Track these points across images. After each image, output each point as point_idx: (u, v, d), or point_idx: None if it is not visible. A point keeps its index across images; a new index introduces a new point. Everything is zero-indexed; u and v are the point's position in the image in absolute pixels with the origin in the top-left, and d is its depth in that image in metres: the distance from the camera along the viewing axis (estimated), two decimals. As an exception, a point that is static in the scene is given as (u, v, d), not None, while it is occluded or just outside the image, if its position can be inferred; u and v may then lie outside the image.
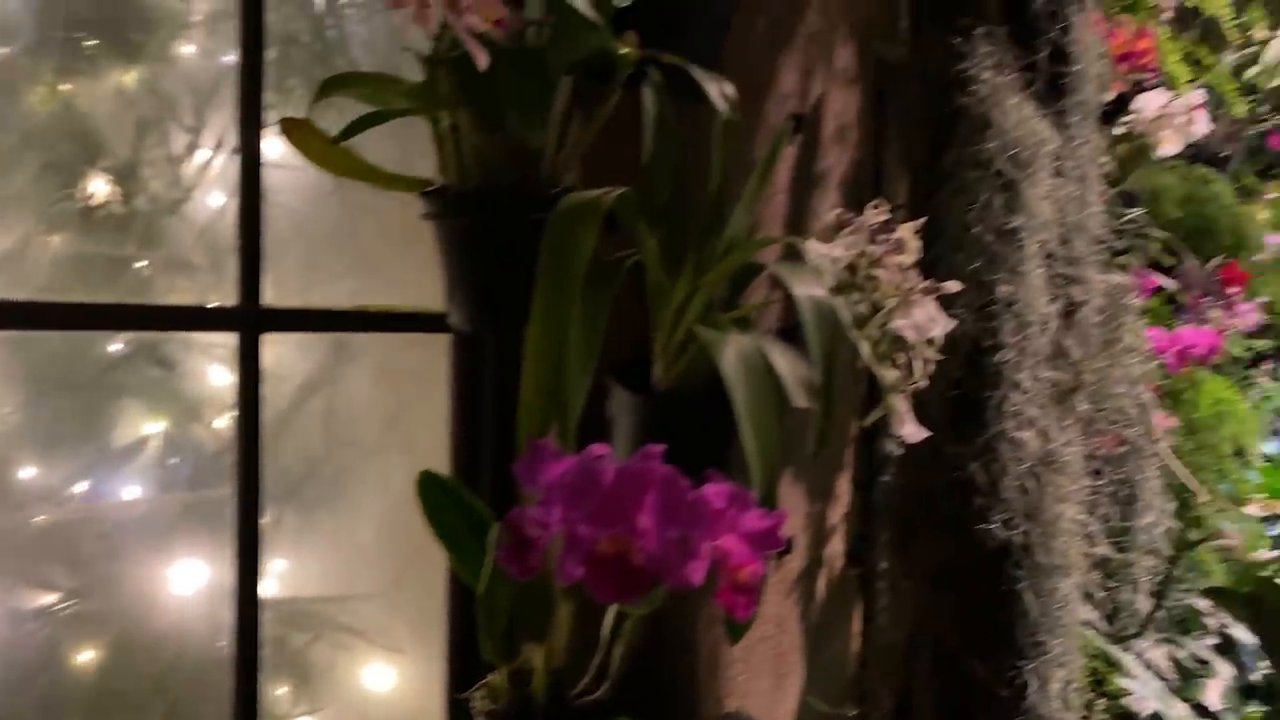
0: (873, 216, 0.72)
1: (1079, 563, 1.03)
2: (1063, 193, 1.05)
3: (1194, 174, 2.27)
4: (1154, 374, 1.60)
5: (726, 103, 0.83)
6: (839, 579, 1.37)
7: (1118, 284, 1.11)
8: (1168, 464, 1.16)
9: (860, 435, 1.39)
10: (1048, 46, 1.06)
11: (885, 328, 0.69)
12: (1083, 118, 1.08)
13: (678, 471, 0.69)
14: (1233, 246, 2.19)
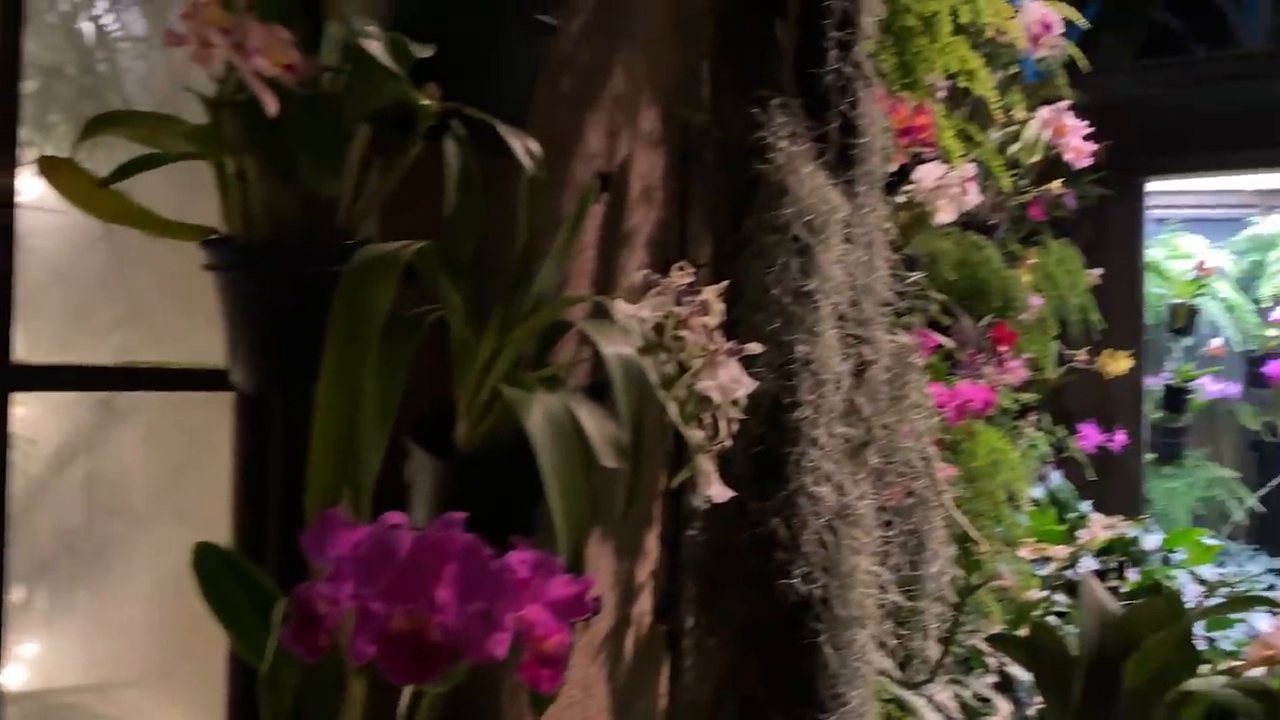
0: (678, 278, 0.72)
1: (874, 613, 1.06)
2: (852, 257, 1.10)
3: (967, 240, 2.45)
4: (936, 427, 1.70)
5: (532, 159, 0.82)
6: (647, 637, 1.36)
7: (903, 343, 1.17)
8: (951, 513, 1.22)
9: (667, 491, 1.39)
10: (838, 119, 1.11)
11: (692, 388, 0.70)
12: (869, 187, 1.14)
13: (480, 540, 0.66)
14: (1001, 307, 2.38)
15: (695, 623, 1.14)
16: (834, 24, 1.09)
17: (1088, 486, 3.69)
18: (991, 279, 2.36)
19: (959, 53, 1.55)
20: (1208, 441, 4.89)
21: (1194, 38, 7.59)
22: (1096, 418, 3.78)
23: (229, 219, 0.80)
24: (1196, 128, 4.25)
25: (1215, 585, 3.33)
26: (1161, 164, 4.33)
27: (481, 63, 0.90)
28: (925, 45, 1.54)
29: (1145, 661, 0.85)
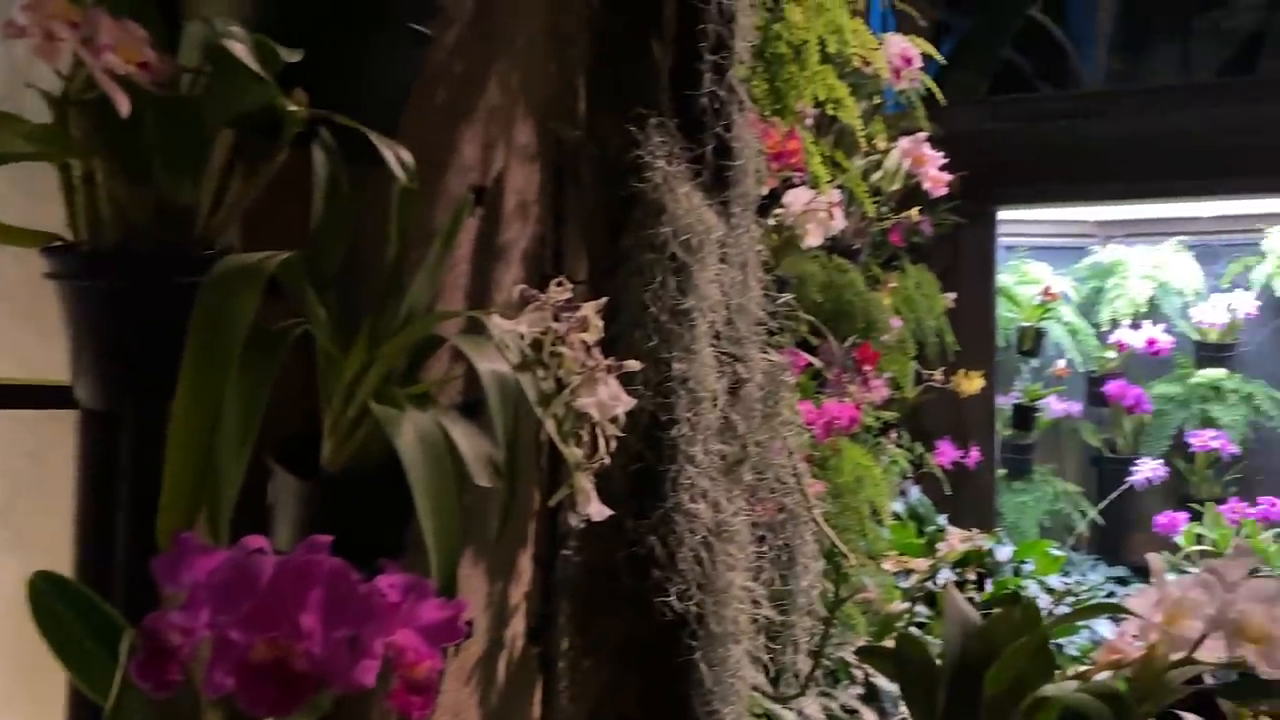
0: (556, 294, 0.71)
1: (748, 629, 1.07)
2: (728, 277, 1.11)
3: (833, 264, 2.53)
4: (806, 444, 1.74)
5: (404, 170, 0.80)
6: (519, 660, 1.33)
7: (776, 362, 1.20)
8: (821, 528, 1.25)
9: (542, 510, 1.38)
10: (713, 141, 1.13)
11: (571, 405, 0.69)
12: (744, 208, 1.16)
13: (347, 563, 0.63)
14: (865, 329, 2.46)
15: (570, 644, 1.13)
16: (709, 47, 1.11)
17: (944, 501, 3.84)
18: (855, 301, 2.44)
19: (827, 81, 1.60)
20: (1053, 457, 5.17)
21: (1039, 77, 8.09)
22: (952, 435, 3.95)
23: (75, 225, 0.75)
24: (1043, 161, 4.50)
25: (1062, 594, 3.51)
26: (1011, 194, 4.57)
27: (353, 70, 0.88)
28: (795, 72, 1.59)
29: (1005, 669, 0.89)
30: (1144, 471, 4.68)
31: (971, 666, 0.91)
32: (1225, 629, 0.82)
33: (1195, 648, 0.85)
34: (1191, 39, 8.08)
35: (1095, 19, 7.62)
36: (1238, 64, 8.18)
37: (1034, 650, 0.88)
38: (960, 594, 1.03)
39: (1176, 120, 4.39)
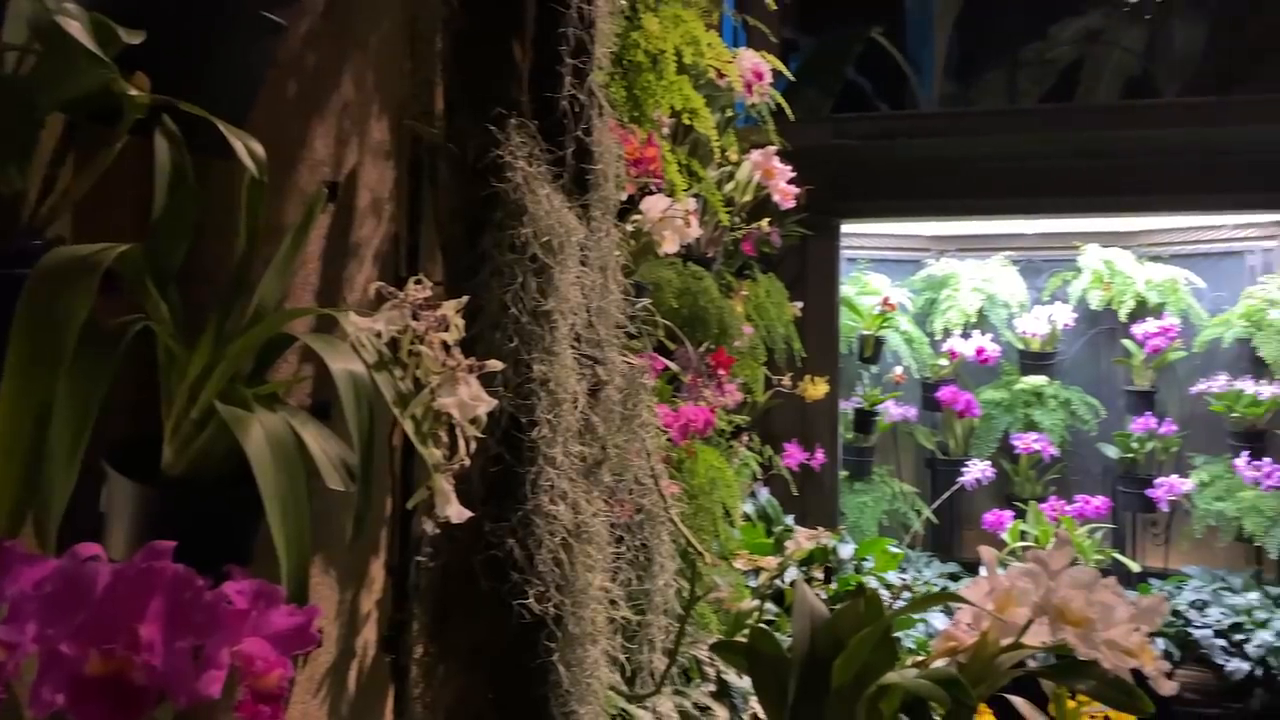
0: (415, 292, 0.70)
1: (605, 629, 1.08)
2: (588, 280, 1.12)
3: (688, 270, 2.57)
4: (663, 446, 1.77)
5: (254, 161, 0.77)
6: (371, 669, 1.30)
7: (635, 365, 1.21)
8: (676, 528, 1.27)
9: (395, 516, 1.35)
10: (574, 144, 1.13)
11: (430, 406, 0.67)
12: (604, 212, 1.17)
13: (191, 571, 0.60)
14: (719, 334, 2.52)
15: (424, 651, 1.11)
16: (569, 51, 1.11)
17: (792, 501, 3.97)
18: (710, 308, 2.49)
19: (683, 91, 1.64)
20: (891, 459, 5.41)
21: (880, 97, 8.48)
22: (798, 438, 4.08)
23: (-120, 209, 0.68)
24: (883, 177, 4.72)
25: (900, 589, 3.68)
26: (854, 208, 4.77)
27: (199, 55, 0.84)
28: (652, 81, 1.61)
29: (851, 659, 0.92)
30: (973, 472, 4.97)
31: (820, 658, 0.94)
32: (1049, 614, 0.88)
33: (1022, 633, 0.92)
34: (1018, 68, 8.66)
35: (932, 46, 8.06)
36: (1058, 92, 8.82)
37: (878, 640, 0.92)
38: (810, 589, 1.07)
39: (1004, 142, 4.68)
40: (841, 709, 0.94)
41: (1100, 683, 0.92)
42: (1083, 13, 8.46)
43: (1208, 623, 4.27)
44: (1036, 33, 8.46)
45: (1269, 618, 4.22)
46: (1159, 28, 8.46)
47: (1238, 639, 4.18)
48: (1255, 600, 4.35)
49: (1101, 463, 5.13)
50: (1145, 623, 0.90)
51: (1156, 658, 0.90)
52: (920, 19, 8.16)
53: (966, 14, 8.08)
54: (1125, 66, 8.67)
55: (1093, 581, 0.89)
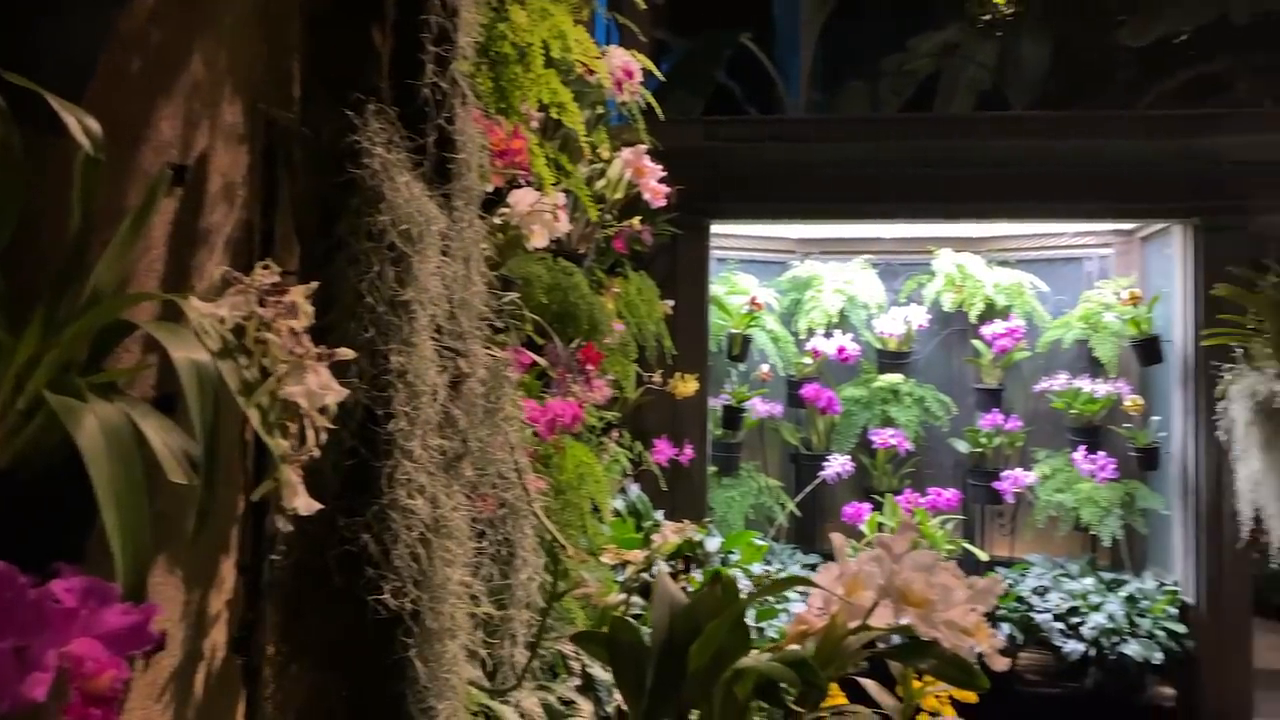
0: (262, 278, 0.68)
1: (465, 624, 1.07)
2: (450, 270, 1.11)
3: (559, 266, 2.57)
4: (529, 440, 1.76)
5: (89, 138, 0.73)
6: (220, 672, 1.25)
7: (499, 358, 1.20)
8: (540, 522, 1.27)
9: (247, 513, 1.30)
10: (435, 132, 1.12)
11: (276, 395, 0.66)
12: (467, 202, 1.16)
13: (14, 568, 0.57)
14: (589, 330, 2.52)
15: (276, 651, 1.07)
16: (432, 38, 1.09)
17: (662, 497, 4.02)
18: (580, 304, 2.49)
19: (551, 85, 1.63)
20: (758, 455, 5.55)
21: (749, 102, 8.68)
22: (669, 434, 4.13)
23: None
24: (751, 180, 4.82)
25: (762, 579, 3.77)
26: (723, 209, 4.86)
27: (33, 27, 0.79)
28: (520, 73, 1.61)
29: (706, 644, 0.94)
30: (834, 467, 5.14)
31: (678, 644, 0.96)
32: (892, 596, 0.92)
33: (869, 615, 0.96)
34: (880, 78, 9.00)
35: (799, 54, 8.30)
36: (918, 102, 9.21)
37: (732, 624, 0.94)
38: (670, 578, 1.09)
39: (866, 149, 4.86)
40: (698, 693, 0.96)
41: (941, 661, 0.97)
42: (941, 27, 8.87)
43: (1048, 607, 4.54)
44: (897, 45, 8.82)
45: (1102, 601, 4.52)
46: (1009, 45, 8.94)
47: (1074, 622, 4.46)
48: (1090, 585, 4.65)
49: (953, 457, 5.39)
50: (981, 603, 0.96)
51: (991, 636, 0.95)
52: (788, 27, 8.38)
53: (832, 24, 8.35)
54: (978, 80, 9.13)
55: (933, 564, 0.94)
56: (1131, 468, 4.93)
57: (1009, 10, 9.20)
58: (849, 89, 8.84)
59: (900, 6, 8.74)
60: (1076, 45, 8.55)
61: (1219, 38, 7.53)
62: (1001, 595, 4.59)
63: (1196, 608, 4.50)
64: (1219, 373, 4.22)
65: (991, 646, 0.94)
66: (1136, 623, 4.39)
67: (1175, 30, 7.54)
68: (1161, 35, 7.39)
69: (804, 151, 4.85)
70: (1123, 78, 8.49)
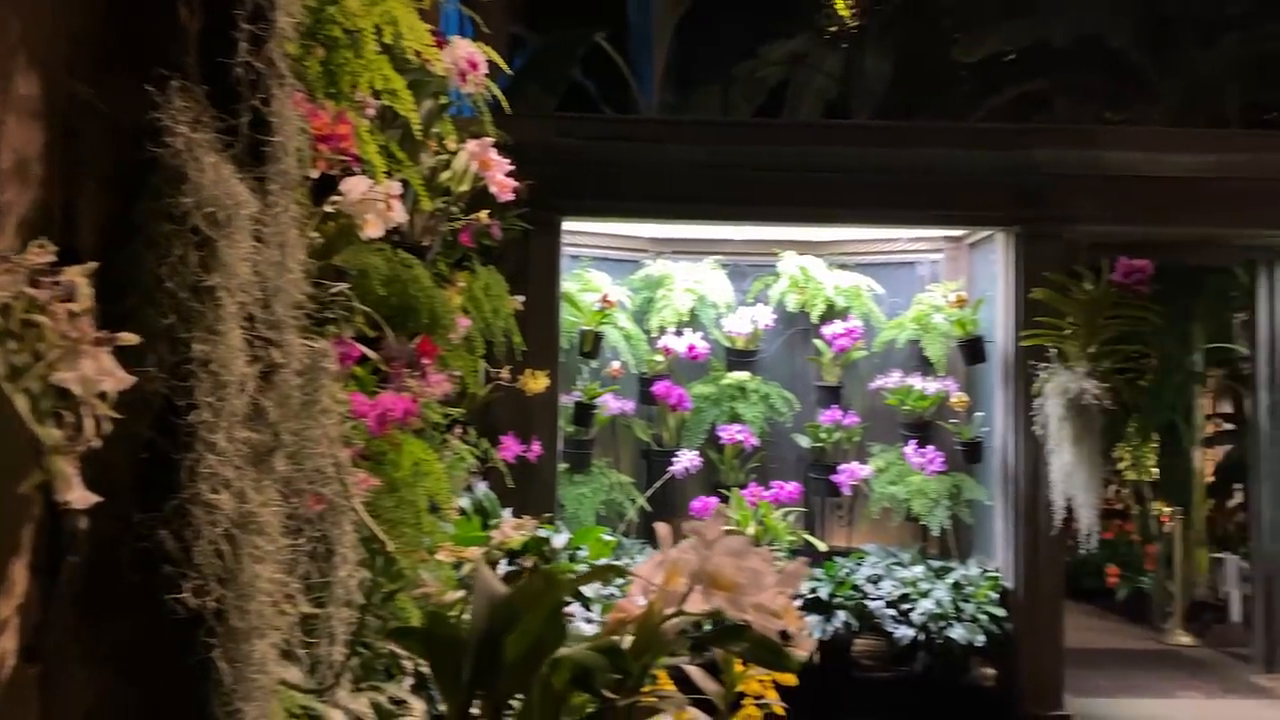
0: (33, 256, 0.64)
1: (277, 623, 1.03)
2: (263, 257, 1.07)
3: (399, 258, 2.52)
4: (355, 435, 1.72)
5: None
6: (10, 682, 1.17)
7: (317, 348, 1.17)
8: (362, 518, 1.24)
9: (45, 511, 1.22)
10: (249, 113, 1.08)
11: (46, 380, 0.62)
12: (283, 187, 1.12)
13: None
14: (429, 324, 2.48)
15: (70, 655, 1.01)
16: (246, 15, 1.05)
17: (510, 495, 3.99)
18: (420, 297, 2.45)
19: (383, 70, 1.60)
20: (610, 452, 5.59)
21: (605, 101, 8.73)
22: (519, 431, 4.11)
23: None
24: (605, 177, 4.85)
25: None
26: (575, 206, 4.87)
27: None
28: (350, 58, 1.56)
29: (522, 636, 0.94)
30: (683, 462, 5.23)
31: (497, 636, 0.96)
32: (704, 581, 0.95)
33: (683, 600, 0.98)
34: (731, 83, 9.21)
35: (652, 56, 8.40)
36: (769, 109, 9.48)
37: (549, 614, 0.95)
38: (492, 570, 1.08)
39: (718, 152, 4.96)
40: (516, 684, 0.96)
41: (753, 644, 1.00)
42: (790, 36, 9.15)
43: (881, 595, 4.75)
44: (749, 51, 9.05)
45: (930, 588, 4.76)
46: (854, 57, 9.31)
47: (905, 608, 4.68)
48: (920, 573, 4.89)
49: (796, 452, 5.57)
50: (788, 586, 1.00)
51: (799, 619, 0.99)
52: (642, 28, 8.48)
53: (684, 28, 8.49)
54: (825, 90, 9.48)
55: (743, 549, 0.97)
56: (958, 461, 5.22)
57: (854, 24, 9.59)
58: (702, 93, 9.02)
59: (751, 15, 8.97)
60: (916, 60, 8.98)
61: (1042, 58, 8.05)
62: (838, 584, 4.77)
63: (1015, 592, 4.80)
64: (1035, 371, 4.51)
65: (799, 629, 0.98)
66: (961, 607, 4.64)
67: (1003, 49, 8.01)
68: (990, 54, 7.85)
69: (656, 152, 4.92)
70: (958, 92, 8.97)
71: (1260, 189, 4.91)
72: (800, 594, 4.71)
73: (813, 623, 4.63)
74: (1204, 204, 4.90)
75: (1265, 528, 5.88)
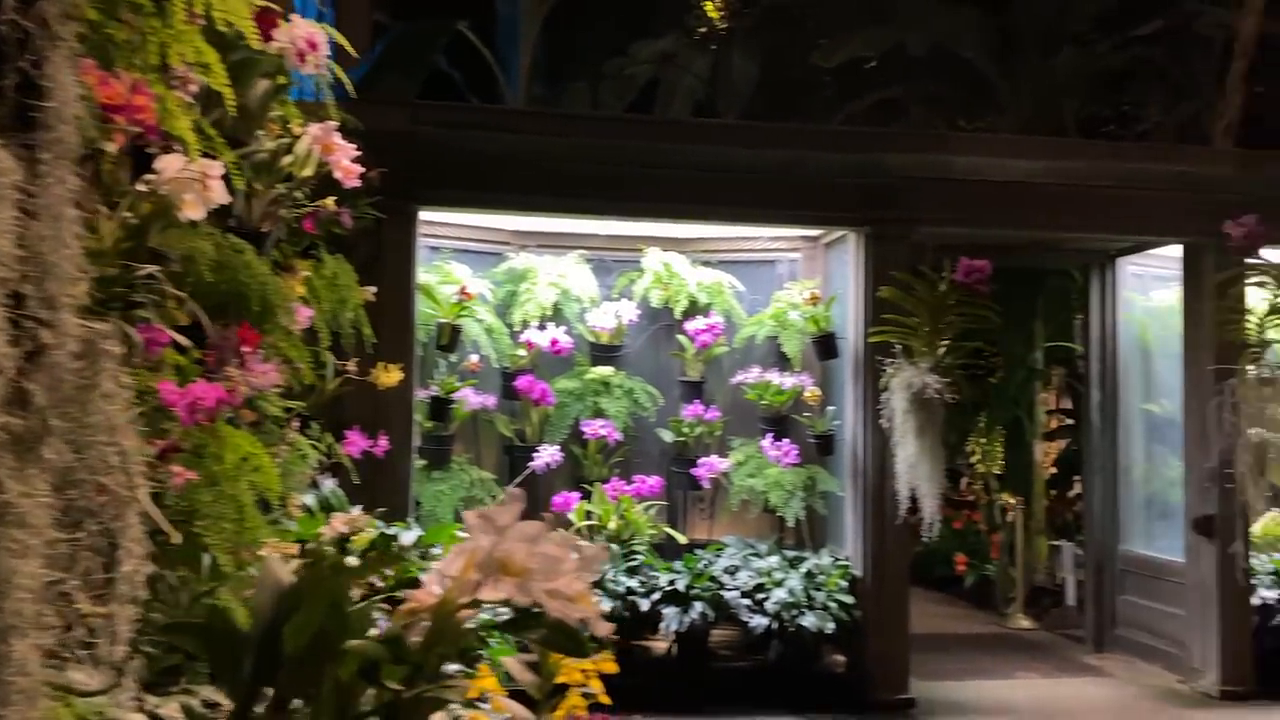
0: None
1: (42, 622, 0.96)
2: (33, 231, 0.99)
3: (228, 243, 2.41)
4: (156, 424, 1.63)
5: None
6: None
7: (97, 330, 1.10)
8: (148, 510, 1.17)
9: None
10: (16, 76, 1.00)
11: None
12: (59, 157, 1.05)
13: None
14: (261, 313, 2.38)
15: None
16: (10, -30, 0.98)
17: (361, 491, 3.88)
18: (251, 284, 2.35)
19: (193, 42, 1.52)
20: (472, 448, 5.51)
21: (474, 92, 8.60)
22: (373, 426, 4.00)
23: None
24: (466, 168, 4.77)
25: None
26: (434, 196, 4.77)
27: None
28: (157, 26, 1.48)
29: (303, 627, 0.91)
30: (543, 457, 5.20)
31: (279, 630, 0.92)
32: (493, 568, 0.93)
33: (477, 589, 0.96)
34: (601, 80, 9.21)
35: (519, 48, 8.32)
36: (640, 107, 9.53)
37: (331, 605, 0.91)
38: (279, 561, 1.04)
39: (589, 146, 4.94)
40: (299, 678, 0.92)
41: (551, 631, 0.99)
42: (659, 35, 9.21)
43: (737, 585, 4.83)
44: (619, 49, 9.07)
45: (785, 578, 4.87)
46: (722, 59, 9.45)
47: (760, 598, 4.78)
48: (775, 563, 5.00)
49: (659, 446, 5.61)
50: (586, 571, 0.99)
51: (595, 604, 0.99)
52: (510, 20, 8.39)
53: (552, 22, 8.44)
54: (694, 90, 9.58)
55: (539, 535, 0.95)
56: (812, 454, 5.36)
57: (723, 26, 9.73)
58: (572, 88, 8.99)
59: (621, 12, 9.00)
60: (782, 63, 9.18)
61: (900, 66, 8.35)
62: (697, 576, 4.83)
63: (864, 580, 4.97)
64: (883, 367, 4.68)
65: (593, 614, 0.97)
66: (813, 596, 4.77)
67: (862, 55, 8.28)
68: (850, 59, 8.09)
69: (518, 143, 4.86)
70: (822, 97, 9.22)
71: (1092, 195, 5.22)
72: (659, 586, 4.75)
73: (670, 614, 4.68)
74: (1041, 208, 5.17)
75: (1096, 517, 6.27)
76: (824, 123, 8.05)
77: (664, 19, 9.19)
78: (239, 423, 2.39)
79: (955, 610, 7.57)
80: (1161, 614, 5.65)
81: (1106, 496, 6.17)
